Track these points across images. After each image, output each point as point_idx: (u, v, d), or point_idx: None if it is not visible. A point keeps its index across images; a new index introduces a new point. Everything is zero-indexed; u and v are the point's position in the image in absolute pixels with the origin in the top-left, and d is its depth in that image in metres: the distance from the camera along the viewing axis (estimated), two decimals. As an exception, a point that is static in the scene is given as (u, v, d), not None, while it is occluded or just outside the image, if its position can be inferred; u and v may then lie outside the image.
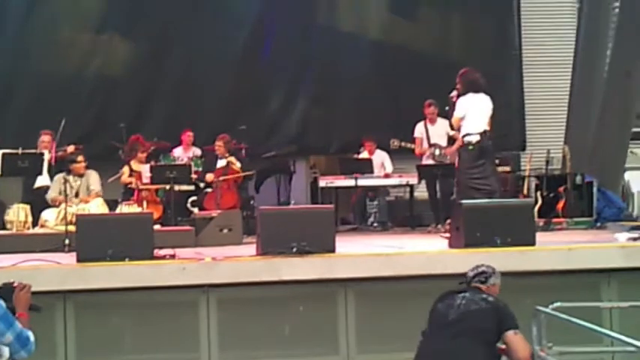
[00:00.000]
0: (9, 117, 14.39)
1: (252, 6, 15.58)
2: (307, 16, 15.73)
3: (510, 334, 5.62)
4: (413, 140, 12.90)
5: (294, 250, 8.02)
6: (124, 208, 10.98)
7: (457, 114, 10.32)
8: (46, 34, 15.08)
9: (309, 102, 15.52)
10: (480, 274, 6.09)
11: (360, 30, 15.79)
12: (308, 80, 15.67)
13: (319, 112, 15.49)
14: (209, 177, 12.34)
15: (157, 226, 9.73)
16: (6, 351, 4.12)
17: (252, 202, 13.27)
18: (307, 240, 8.08)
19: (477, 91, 10.38)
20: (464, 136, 10.29)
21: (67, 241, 9.51)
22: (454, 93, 10.49)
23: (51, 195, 11.25)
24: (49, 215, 10.84)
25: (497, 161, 12.82)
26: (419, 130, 12.87)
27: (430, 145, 12.67)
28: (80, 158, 11.53)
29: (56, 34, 15.11)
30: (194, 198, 12.34)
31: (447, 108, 10.84)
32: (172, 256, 8.36)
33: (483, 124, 10.31)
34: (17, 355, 4.32)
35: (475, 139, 10.21)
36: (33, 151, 11.58)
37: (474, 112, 10.29)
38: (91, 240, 8.15)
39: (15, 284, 4.40)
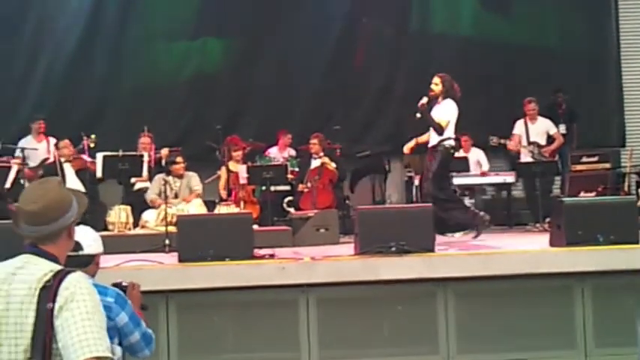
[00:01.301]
0: (109, 120, 14.65)
1: (345, 4, 15.59)
2: (400, 15, 15.68)
3: None
4: (511, 137, 12.73)
5: (393, 249, 7.98)
6: (222, 209, 11.10)
7: (447, 116, 10.26)
8: (142, 44, 15.34)
9: (403, 100, 15.44)
10: None
11: (452, 28, 15.66)
12: (401, 78, 15.61)
13: (413, 109, 15.39)
14: (301, 187, 12.42)
15: (254, 226, 9.79)
16: (118, 350, 4.17)
17: (347, 201, 13.27)
18: (406, 239, 8.03)
19: (453, 98, 10.39)
20: (446, 139, 10.25)
21: (167, 242, 9.65)
22: (424, 100, 10.40)
23: (150, 196, 11.44)
24: (149, 216, 11.02)
25: (596, 157, 12.64)
26: (519, 127, 12.71)
27: (529, 144, 12.50)
28: (179, 159, 11.71)
29: (152, 44, 15.36)
30: (290, 198, 12.41)
31: (417, 115, 10.54)
32: (272, 256, 8.41)
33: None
34: (141, 354, 4.37)
35: (453, 144, 10.37)
36: (133, 153, 11.77)
37: (455, 119, 10.33)
38: (192, 240, 8.24)
39: (125, 284, 4.45)
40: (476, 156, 13.54)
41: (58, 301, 3.07)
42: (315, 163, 12.47)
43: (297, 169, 12.83)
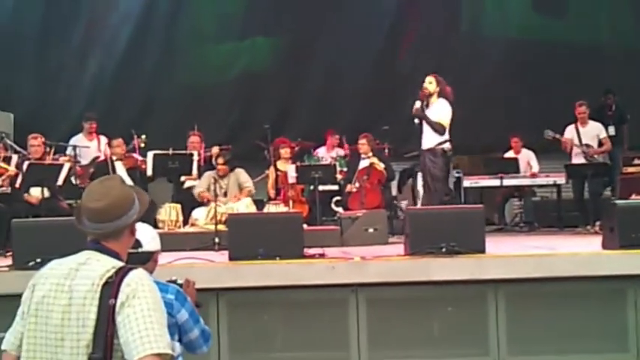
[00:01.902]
0: (158, 119, 14.79)
1: (393, 2, 15.60)
2: (450, 15, 15.65)
3: None
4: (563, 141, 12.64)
5: (444, 250, 7.93)
6: (271, 208, 11.13)
7: (447, 116, 10.15)
8: (191, 44, 15.47)
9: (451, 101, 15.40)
10: None
11: (503, 29, 15.62)
12: (451, 78, 15.55)
13: (462, 110, 15.32)
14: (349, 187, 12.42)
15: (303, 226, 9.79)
16: (178, 347, 4.20)
17: (395, 201, 13.24)
18: (456, 240, 7.97)
19: (446, 98, 10.25)
20: (445, 141, 10.11)
21: (216, 240, 9.71)
22: (418, 105, 10.22)
23: (197, 190, 11.48)
24: (199, 214, 11.08)
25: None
26: (569, 132, 12.61)
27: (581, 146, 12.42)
28: (220, 160, 11.68)
29: (200, 44, 15.47)
30: (338, 198, 12.41)
31: (416, 121, 10.32)
32: (322, 255, 8.40)
33: None
34: (199, 350, 4.41)
35: (450, 147, 10.20)
36: (183, 151, 11.84)
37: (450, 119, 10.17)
38: (243, 239, 8.26)
39: (180, 281, 4.48)
40: (526, 157, 13.46)
41: (120, 297, 3.10)
42: (363, 163, 12.45)
43: (345, 169, 12.83)
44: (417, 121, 10.24)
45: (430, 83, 10.19)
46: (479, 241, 8.15)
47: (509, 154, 13.65)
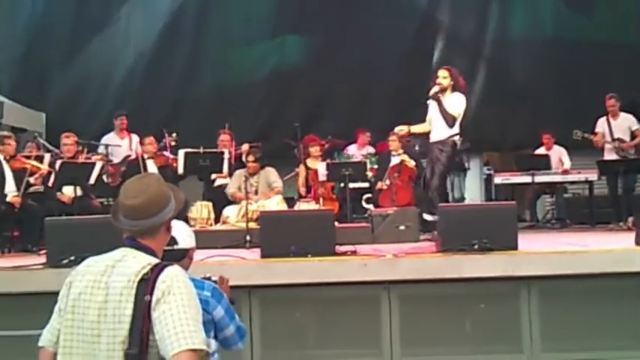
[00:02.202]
0: (188, 118, 14.86)
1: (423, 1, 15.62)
2: (479, 10, 15.61)
3: None
4: (594, 135, 12.54)
5: (476, 246, 7.90)
6: (302, 205, 11.14)
7: (460, 109, 9.88)
8: (221, 42, 15.54)
9: (482, 98, 15.38)
10: None
11: (534, 27, 15.56)
12: (480, 75, 15.54)
13: (492, 108, 15.33)
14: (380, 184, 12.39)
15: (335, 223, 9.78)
16: (214, 344, 4.20)
17: (425, 199, 13.21)
18: (489, 237, 7.92)
19: (461, 92, 10.02)
20: (455, 134, 9.92)
21: (248, 238, 9.72)
22: (437, 89, 9.94)
23: (230, 190, 11.54)
24: (230, 212, 11.11)
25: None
26: (600, 125, 12.51)
27: (613, 140, 12.29)
28: (251, 158, 11.71)
29: (230, 42, 15.53)
30: (369, 195, 12.40)
31: (430, 110, 10.11)
32: (353, 253, 8.39)
33: None
34: (235, 347, 4.41)
35: (460, 140, 10.10)
36: (214, 150, 11.87)
37: (463, 113, 10.01)
38: (275, 236, 8.26)
39: (214, 278, 4.49)
40: (558, 154, 13.38)
41: (155, 293, 3.13)
42: (394, 161, 12.43)
43: (376, 167, 12.80)
44: (431, 110, 10.08)
45: (444, 78, 9.92)
46: (511, 237, 8.09)
47: (541, 150, 13.58)
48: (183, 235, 4.26)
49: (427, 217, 10.00)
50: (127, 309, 3.14)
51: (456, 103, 9.85)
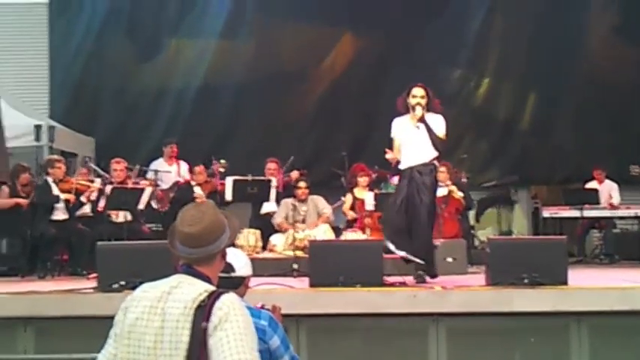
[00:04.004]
0: (236, 146, 14.93)
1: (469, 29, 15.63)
2: (529, 39, 15.59)
3: None
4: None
5: (526, 280, 7.84)
6: (348, 235, 11.12)
7: (444, 130, 9.10)
8: (269, 72, 15.60)
9: (531, 130, 15.33)
10: None
11: (583, 56, 15.45)
12: (529, 108, 15.49)
13: (541, 141, 15.25)
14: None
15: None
16: None
17: (472, 231, 13.13)
18: (539, 271, 7.88)
19: (437, 112, 9.19)
20: (436, 157, 9.13)
21: (295, 266, 9.73)
22: (419, 111, 8.94)
23: (277, 220, 11.57)
24: (277, 240, 11.13)
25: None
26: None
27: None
28: (302, 184, 11.78)
29: (279, 73, 15.61)
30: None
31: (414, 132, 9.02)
32: (403, 284, 8.36)
33: None
34: None
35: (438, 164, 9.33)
36: (262, 177, 11.90)
37: None
38: (323, 265, 8.27)
39: (267, 307, 4.47)
40: (608, 188, 13.27)
41: (212, 320, 3.12)
42: (441, 192, 12.35)
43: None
44: (404, 133, 9.14)
45: (422, 97, 9.01)
46: (561, 272, 8.04)
47: (592, 184, 13.46)
48: (240, 263, 4.27)
49: (390, 246, 8.80)
50: (184, 335, 3.14)
51: (441, 124, 9.06)
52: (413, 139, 9.03)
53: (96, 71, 16.07)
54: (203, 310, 3.15)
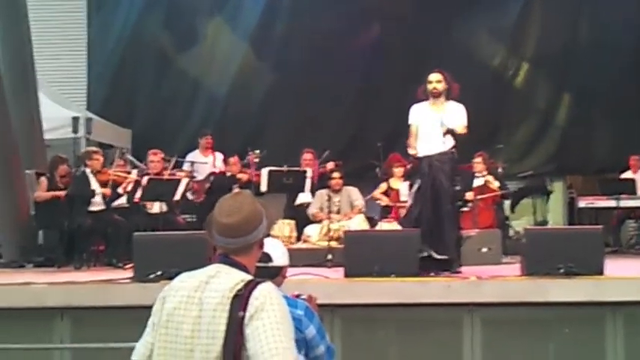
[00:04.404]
0: (271, 137, 14.96)
1: (510, 19, 15.54)
2: (568, 32, 15.47)
3: None
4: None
5: (562, 270, 7.82)
6: (383, 225, 11.12)
7: (465, 120, 8.96)
8: (303, 63, 15.63)
9: (568, 121, 15.24)
10: None
11: (621, 46, 15.32)
12: (566, 97, 15.40)
13: (578, 130, 15.15)
14: (469, 195, 12.21)
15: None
16: None
17: (507, 221, 13.08)
18: (574, 261, 7.86)
19: (456, 99, 9.12)
20: (455, 146, 8.97)
21: (329, 257, 9.75)
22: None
23: (312, 210, 11.60)
24: (311, 231, 11.16)
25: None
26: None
27: None
28: (336, 174, 11.80)
29: (312, 63, 15.63)
30: (450, 216, 12.29)
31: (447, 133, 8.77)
32: (437, 274, 8.36)
33: None
34: None
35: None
36: (297, 168, 11.93)
37: None
38: (358, 256, 8.30)
39: (303, 296, 4.49)
40: (644, 177, 13.18)
41: (249, 309, 3.14)
42: (478, 182, 12.33)
43: (457, 187, 12.68)
44: (420, 120, 8.98)
45: (439, 82, 8.93)
46: (597, 262, 8.01)
47: (627, 174, 13.36)
48: (278, 252, 4.28)
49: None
50: (221, 325, 3.15)
51: (462, 114, 8.97)
52: (431, 127, 8.90)
53: (133, 63, 16.20)
54: (240, 300, 3.16)
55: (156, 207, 10.96)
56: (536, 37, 15.53)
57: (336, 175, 11.87)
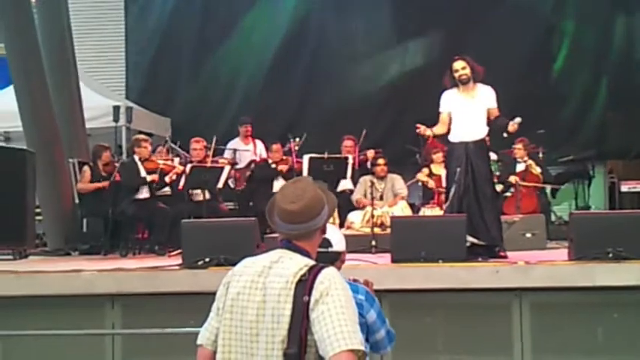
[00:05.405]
0: (311, 123, 14.95)
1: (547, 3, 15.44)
2: (604, 13, 15.35)
3: None
4: None
5: (610, 255, 7.77)
6: (426, 211, 11.11)
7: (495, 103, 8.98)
8: (342, 50, 15.62)
9: (607, 105, 15.12)
10: None
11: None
12: (604, 82, 15.27)
13: (618, 115, 15.04)
14: (512, 179, 12.15)
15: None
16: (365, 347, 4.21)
17: (550, 206, 13.02)
18: (623, 245, 7.80)
19: (483, 81, 9.06)
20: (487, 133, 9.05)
21: (373, 243, 9.75)
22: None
23: (356, 196, 11.62)
24: (354, 217, 11.18)
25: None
26: None
27: None
28: (381, 161, 11.81)
29: (352, 49, 15.62)
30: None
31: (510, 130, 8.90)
32: (485, 259, 8.34)
33: None
34: (383, 351, 4.40)
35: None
36: (338, 155, 11.93)
37: None
38: (405, 241, 8.29)
39: (361, 281, 4.50)
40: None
41: (313, 294, 3.16)
42: (519, 167, 12.28)
43: (497, 173, 12.65)
44: (452, 106, 9.01)
45: (464, 68, 8.85)
46: (646, 246, 7.94)
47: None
48: (337, 238, 4.29)
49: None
50: (286, 309, 3.17)
51: (493, 97, 9.01)
52: (465, 113, 8.95)
53: (170, 52, 16.28)
54: (304, 285, 3.18)
55: (199, 194, 11.01)
56: (574, 21, 15.41)
57: (381, 161, 11.88)
